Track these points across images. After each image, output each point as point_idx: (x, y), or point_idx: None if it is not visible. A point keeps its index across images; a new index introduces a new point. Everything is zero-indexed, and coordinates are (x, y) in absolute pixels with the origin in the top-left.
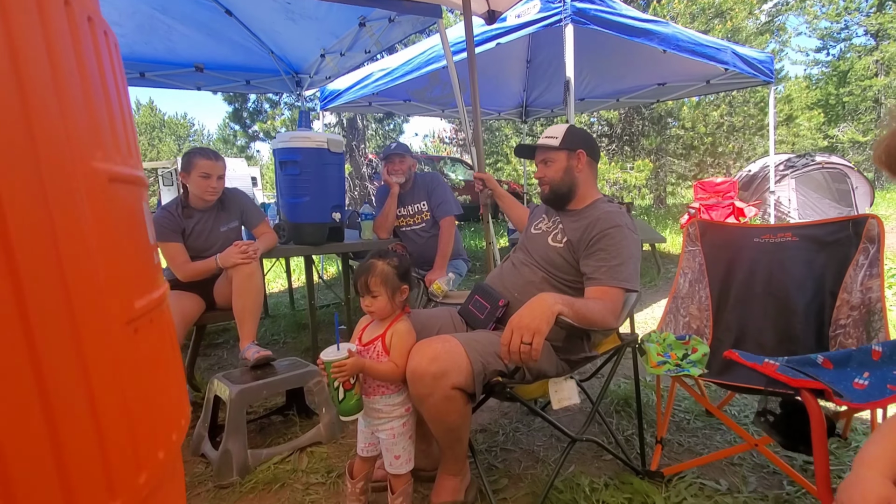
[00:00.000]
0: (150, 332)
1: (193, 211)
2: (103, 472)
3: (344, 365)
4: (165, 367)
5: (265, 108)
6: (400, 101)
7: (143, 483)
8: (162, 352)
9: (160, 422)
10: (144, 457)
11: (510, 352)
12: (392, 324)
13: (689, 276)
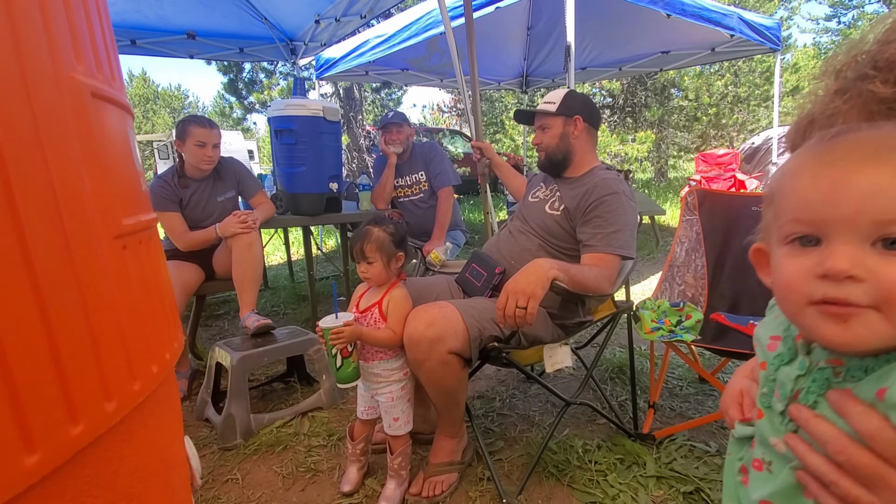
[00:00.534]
0: (138, 251)
1: (190, 180)
2: (98, 376)
3: (342, 332)
4: (156, 290)
5: (261, 78)
6: (397, 70)
7: (137, 390)
8: (152, 274)
9: (152, 339)
10: (138, 367)
11: (505, 316)
12: (388, 291)
13: (686, 245)
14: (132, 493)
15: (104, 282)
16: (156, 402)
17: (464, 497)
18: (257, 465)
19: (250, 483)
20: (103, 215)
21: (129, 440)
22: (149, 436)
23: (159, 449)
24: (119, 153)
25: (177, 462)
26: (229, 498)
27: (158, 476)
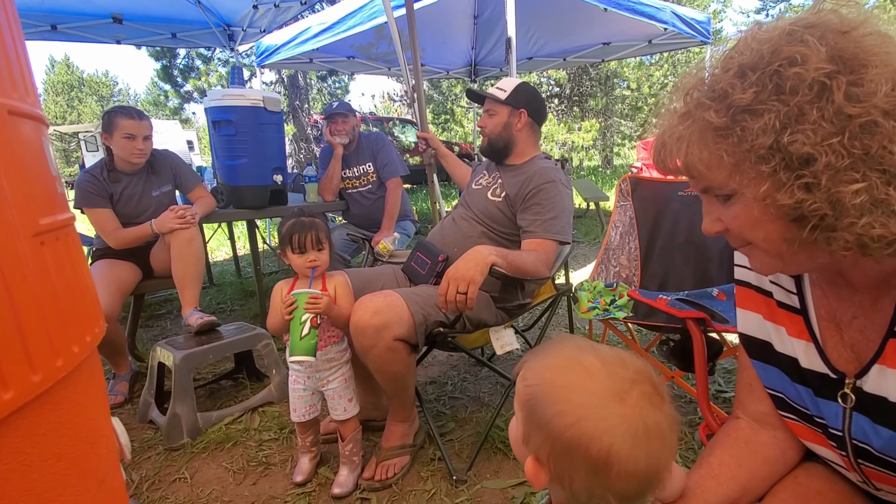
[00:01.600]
0: (56, 247)
1: (120, 175)
2: (23, 351)
3: (320, 298)
4: (75, 281)
5: (197, 64)
6: (343, 57)
7: (59, 366)
8: (70, 267)
9: (72, 323)
10: (59, 346)
11: (447, 301)
12: (324, 278)
13: (620, 229)
14: (62, 453)
15: (24, 273)
16: (80, 378)
17: (416, 478)
18: (206, 462)
19: (199, 481)
20: (21, 216)
21: (57, 409)
22: (75, 407)
23: (86, 420)
24: (34, 161)
25: (103, 433)
26: (177, 497)
27: (86, 443)
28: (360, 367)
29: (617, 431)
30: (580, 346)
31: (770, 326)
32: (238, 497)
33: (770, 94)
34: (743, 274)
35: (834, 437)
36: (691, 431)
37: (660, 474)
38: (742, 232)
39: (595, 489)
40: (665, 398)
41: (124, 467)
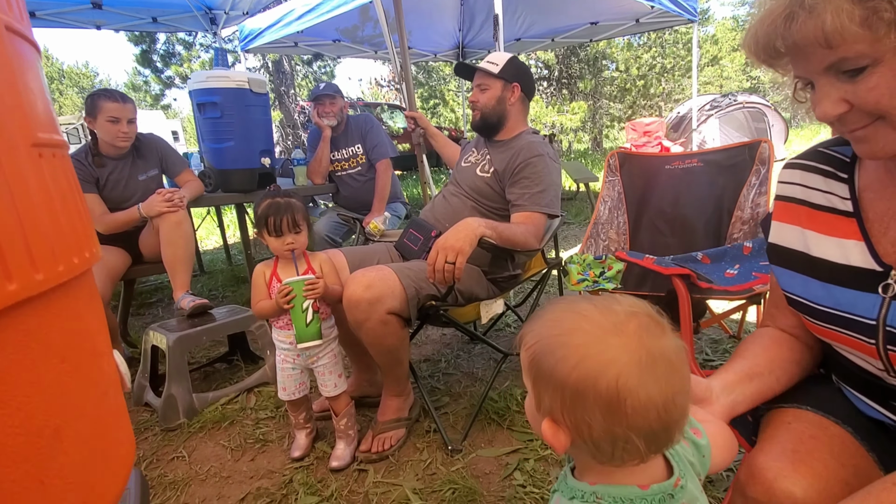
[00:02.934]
0: (53, 164)
1: (106, 159)
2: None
3: (317, 282)
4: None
5: (178, 50)
6: (329, 41)
7: (61, 271)
8: (66, 185)
9: (70, 236)
10: (59, 254)
11: (435, 270)
12: (307, 258)
13: (609, 204)
14: (65, 356)
15: (25, 178)
16: (80, 293)
17: (412, 449)
18: (203, 441)
19: (198, 458)
20: (21, 125)
21: (59, 315)
22: (76, 318)
23: (87, 334)
24: (32, 80)
25: (104, 351)
26: (176, 475)
27: (88, 353)
28: (354, 345)
29: (620, 362)
30: (572, 300)
31: (809, 234)
32: (237, 472)
33: None
34: (789, 190)
35: (864, 327)
36: None
37: (678, 403)
38: (878, 103)
39: (616, 430)
40: (665, 327)
41: None
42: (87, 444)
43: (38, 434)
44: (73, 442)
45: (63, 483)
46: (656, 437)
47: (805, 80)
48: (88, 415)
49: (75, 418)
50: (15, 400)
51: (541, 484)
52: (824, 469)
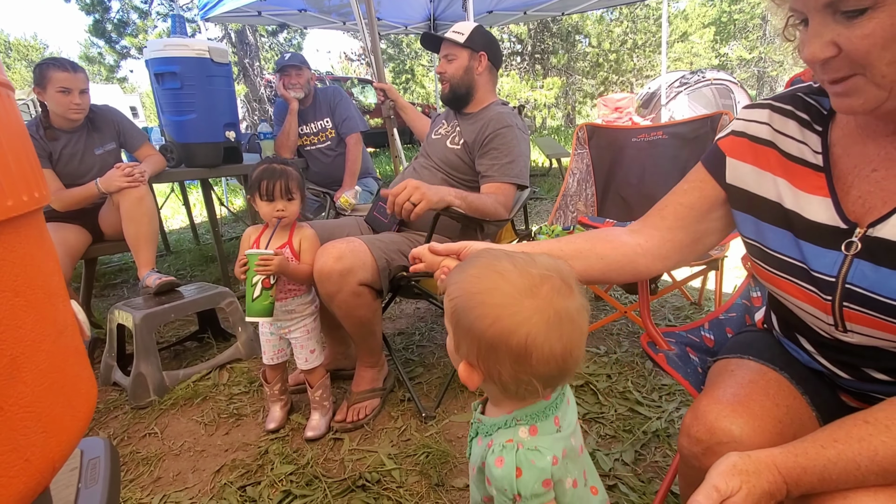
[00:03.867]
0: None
1: (58, 132)
2: None
3: (270, 260)
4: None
5: (133, 19)
6: (294, 10)
7: (10, 206)
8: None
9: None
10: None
11: (396, 203)
12: (293, 230)
13: (577, 176)
14: (17, 290)
15: None
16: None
17: (387, 418)
18: (176, 418)
19: (170, 434)
20: None
21: (10, 250)
22: (27, 256)
23: (40, 273)
24: None
25: (59, 293)
26: (149, 451)
27: (42, 291)
28: (328, 318)
29: (531, 322)
30: (494, 255)
31: (781, 184)
32: (211, 446)
33: None
34: (756, 129)
35: (822, 283)
36: (642, 361)
37: (574, 355)
38: (868, 53)
39: (521, 376)
40: (574, 288)
41: None
42: (47, 377)
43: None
44: (31, 372)
45: (23, 411)
46: (554, 380)
47: (800, 14)
48: (46, 349)
49: (32, 350)
50: None
51: None
52: (760, 409)
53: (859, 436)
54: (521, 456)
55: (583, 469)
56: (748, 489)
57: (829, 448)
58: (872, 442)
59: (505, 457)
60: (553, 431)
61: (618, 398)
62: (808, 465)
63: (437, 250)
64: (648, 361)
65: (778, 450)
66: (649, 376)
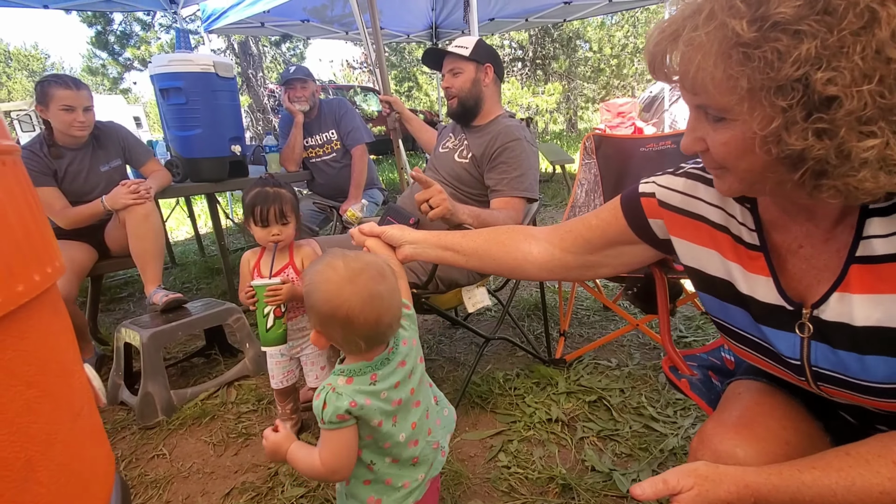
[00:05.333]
0: (4, 172)
1: (63, 150)
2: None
3: (279, 289)
4: (28, 211)
5: (136, 31)
6: (297, 21)
7: (20, 291)
8: (21, 196)
9: (28, 251)
10: (17, 272)
11: (417, 199)
12: (292, 250)
13: (586, 187)
14: (31, 381)
15: None
16: (44, 311)
17: None
18: (184, 438)
19: (179, 455)
20: None
21: (22, 338)
22: (42, 338)
23: (54, 353)
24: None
25: (74, 370)
26: (157, 473)
27: (56, 375)
28: None
29: (352, 301)
30: (334, 254)
31: (733, 267)
32: (220, 468)
33: (815, 13)
34: (700, 208)
35: (791, 365)
36: (655, 374)
37: (384, 321)
38: (726, 159)
39: (349, 337)
40: (385, 276)
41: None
42: (63, 470)
43: (8, 468)
44: (48, 470)
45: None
46: (373, 339)
47: None
48: (62, 440)
49: (48, 445)
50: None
51: (525, 464)
52: (765, 431)
53: (839, 466)
54: (328, 395)
55: (423, 427)
56: (700, 491)
57: (805, 473)
58: (850, 473)
59: (321, 393)
60: (365, 384)
61: (632, 414)
62: (780, 484)
63: (363, 230)
64: (661, 374)
65: (752, 468)
66: (663, 390)
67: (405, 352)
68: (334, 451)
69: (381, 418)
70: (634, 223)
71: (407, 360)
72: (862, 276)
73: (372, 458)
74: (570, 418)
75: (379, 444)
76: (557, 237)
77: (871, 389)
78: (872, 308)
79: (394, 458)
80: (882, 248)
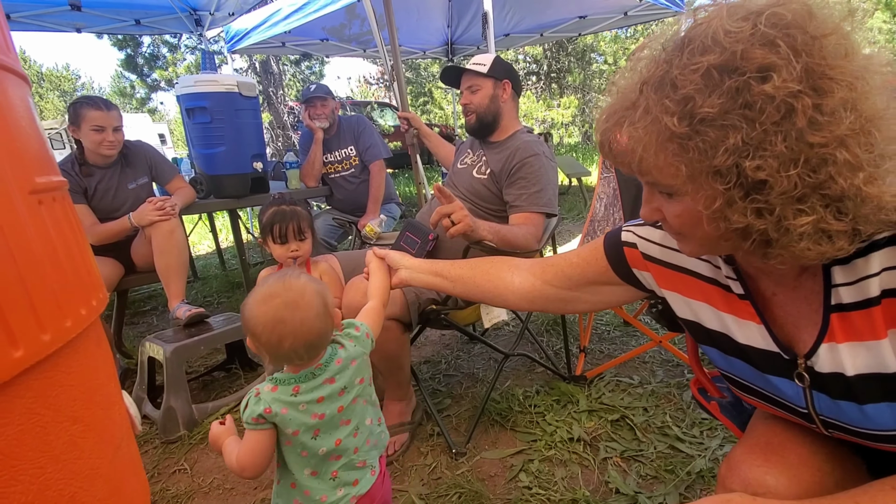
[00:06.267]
0: (54, 209)
1: (93, 168)
2: (31, 309)
3: None
4: (76, 244)
5: (164, 53)
6: (316, 40)
7: (68, 326)
8: (70, 231)
9: (76, 285)
10: (66, 307)
11: (438, 212)
12: (308, 266)
13: (605, 201)
14: (76, 416)
15: (24, 231)
16: (89, 343)
17: (416, 453)
18: (205, 453)
19: (200, 471)
20: (16, 172)
21: (69, 372)
22: (87, 371)
23: (98, 385)
24: (24, 118)
25: (115, 400)
26: (178, 489)
27: (100, 407)
28: None
29: (258, 320)
30: (278, 276)
31: (727, 318)
32: (240, 484)
33: (737, 108)
34: (688, 262)
35: (799, 413)
36: (679, 392)
37: (285, 345)
38: (682, 228)
39: (259, 349)
40: (299, 307)
41: None
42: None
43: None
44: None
45: None
46: (279, 358)
47: None
48: (104, 474)
49: (91, 480)
50: (27, 473)
51: (546, 485)
52: (796, 457)
53: (884, 501)
54: (251, 398)
55: (350, 445)
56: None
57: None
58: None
59: (247, 395)
60: (286, 395)
61: (656, 434)
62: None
63: (376, 253)
64: (685, 392)
65: (793, 502)
66: (688, 409)
67: (336, 370)
68: (246, 450)
69: (299, 429)
70: (618, 269)
71: (337, 379)
72: (842, 324)
73: (293, 466)
74: (592, 437)
75: (297, 452)
76: (540, 269)
77: (878, 437)
78: (857, 356)
79: (313, 471)
80: (848, 297)
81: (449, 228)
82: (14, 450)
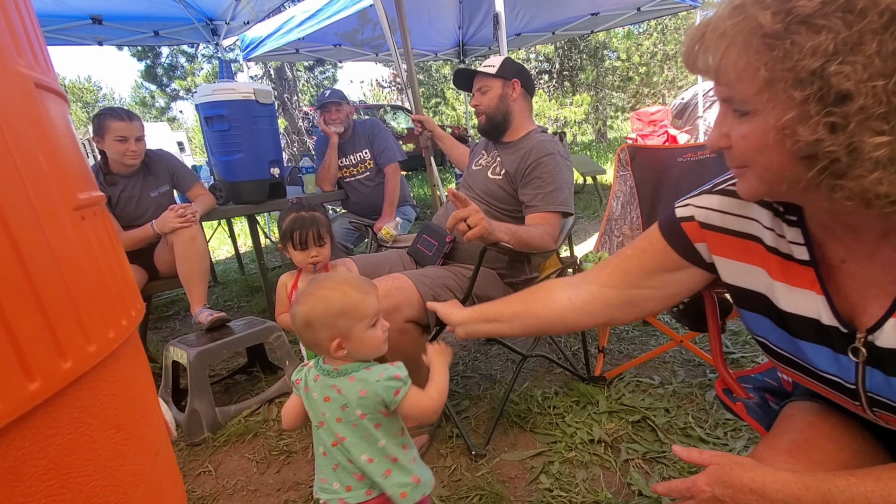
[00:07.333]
0: (95, 223)
1: (117, 177)
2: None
3: None
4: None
5: (182, 62)
6: (329, 45)
7: (112, 338)
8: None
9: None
10: (109, 319)
11: (454, 216)
12: (327, 269)
13: (622, 199)
14: (120, 424)
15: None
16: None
17: (435, 455)
18: (229, 455)
19: (224, 472)
20: (61, 189)
21: (112, 382)
22: (127, 380)
23: (138, 393)
24: (65, 136)
25: (153, 407)
26: (204, 490)
27: (140, 415)
28: None
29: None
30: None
31: (778, 286)
32: (263, 485)
33: (837, 9)
34: (755, 229)
35: (845, 389)
36: (702, 393)
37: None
38: (746, 153)
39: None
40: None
41: None
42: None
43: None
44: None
45: None
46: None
47: None
48: (145, 480)
49: (134, 486)
50: (75, 481)
51: (567, 487)
52: (821, 455)
53: (879, 475)
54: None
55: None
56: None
57: (840, 478)
58: (889, 483)
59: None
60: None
61: (679, 435)
62: (811, 483)
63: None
64: (708, 393)
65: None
66: (711, 410)
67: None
68: None
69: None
70: (680, 248)
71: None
72: None
73: None
74: (613, 439)
75: None
76: (594, 275)
77: None
78: None
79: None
80: None
81: (465, 233)
82: (64, 458)
